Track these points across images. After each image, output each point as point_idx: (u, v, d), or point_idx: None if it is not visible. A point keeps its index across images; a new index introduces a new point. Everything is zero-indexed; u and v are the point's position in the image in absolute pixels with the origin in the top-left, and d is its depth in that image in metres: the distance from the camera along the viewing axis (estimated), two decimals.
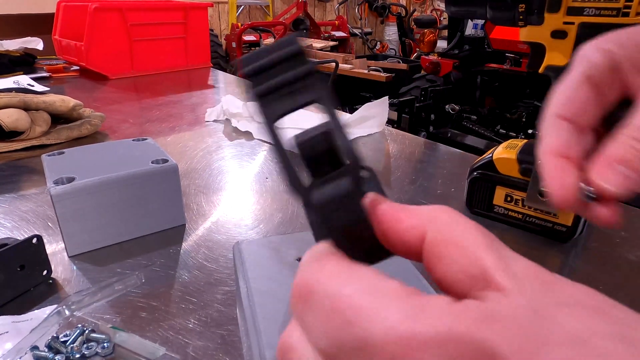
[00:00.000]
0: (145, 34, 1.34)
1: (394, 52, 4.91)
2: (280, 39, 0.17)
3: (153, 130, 0.83)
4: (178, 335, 0.33)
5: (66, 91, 1.13)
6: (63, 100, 0.75)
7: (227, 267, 0.42)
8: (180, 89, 1.20)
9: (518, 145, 0.49)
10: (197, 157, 0.70)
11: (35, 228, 0.48)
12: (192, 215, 0.51)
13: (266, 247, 0.32)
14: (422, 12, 5.35)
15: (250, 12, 4.84)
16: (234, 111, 0.87)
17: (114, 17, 1.27)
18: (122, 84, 1.25)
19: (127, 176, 0.43)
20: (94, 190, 0.42)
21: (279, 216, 0.52)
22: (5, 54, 1.35)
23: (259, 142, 0.77)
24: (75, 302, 0.35)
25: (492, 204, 0.50)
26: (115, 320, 0.35)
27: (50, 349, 0.31)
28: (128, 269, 0.41)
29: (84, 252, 0.43)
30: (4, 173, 0.62)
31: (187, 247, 0.45)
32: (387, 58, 3.53)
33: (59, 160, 0.46)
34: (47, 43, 1.44)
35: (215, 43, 3.98)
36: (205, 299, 0.37)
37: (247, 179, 0.63)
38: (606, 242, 0.48)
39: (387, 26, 5.50)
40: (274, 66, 0.17)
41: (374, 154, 0.74)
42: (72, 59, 1.36)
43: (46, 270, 0.39)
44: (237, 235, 0.48)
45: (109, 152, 0.48)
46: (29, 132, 0.70)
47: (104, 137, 0.80)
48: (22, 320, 0.34)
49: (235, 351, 0.32)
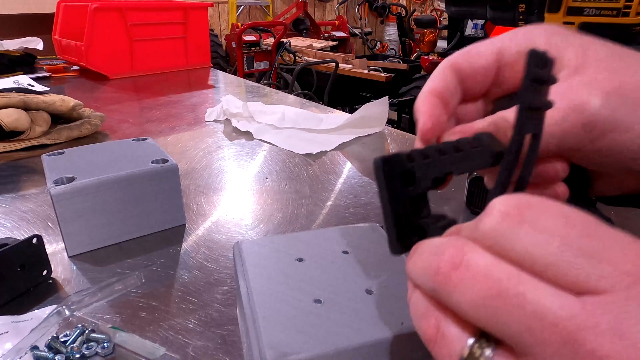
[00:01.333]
0: (145, 34, 1.34)
1: (394, 52, 4.91)
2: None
3: (153, 130, 0.83)
4: (178, 335, 0.33)
5: (66, 91, 1.13)
6: (63, 100, 0.75)
7: (227, 267, 0.42)
8: (180, 89, 1.20)
9: None
10: (197, 157, 0.70)
11: (35, 228, 0.48)
12: (192, 215, 0.51)
13: (266, 247, 0.32)
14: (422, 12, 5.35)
15: (250, 12, 4.84)
16: (234, 111, 0.87)
17: (114, 17, 1.27)
18: (122, 84, 1.25)
19: (127, 176, 0.43)
20: (94, 190, 0.42)
21: (279, 216, 0.52)
22: (5, 54, 1.35)
23: (259, 142, 0.77)
24: (75, 302, 0.35)
25: None
26: (115, 320, 0.35)
27: (50, 349, 0.31)
28: (128, 269, 0.41)
29: (84, 252, 0.43)
30: (4, 173, 0.62)
31: (187, 247, 0.45)
32: (387, 58, 3.53)
33: (59, 160, 0.46)
34: (47, 43, 1.44)
35: (215, 43, 3.98)
36: (205, 299, 0.37)
37: (247, 179, 0.63)
38: None
39: (387, 26, 5.50)
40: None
41: (374, 154, 0.74)
42: (72, 59, 1.36)
43: (46, 270, 0.39)
44: (237, 235, 0.48)
45: (109, 152, 0.48)
46: (29, 132, 0.70)
47: (104, 137, 0.80)
48: (22, 320, 0.34)
49: (235, 351, 0.32)
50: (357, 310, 0.26)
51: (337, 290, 0.27)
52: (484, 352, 0.16)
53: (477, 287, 0.15)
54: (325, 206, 0.55)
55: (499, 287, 0.15)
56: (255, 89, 1.22)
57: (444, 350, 0.17)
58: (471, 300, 0.15)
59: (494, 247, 0.16)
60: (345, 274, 0.29)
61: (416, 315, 0.19)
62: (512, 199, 0.16)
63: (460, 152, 0.20)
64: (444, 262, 0.17)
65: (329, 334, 0.24)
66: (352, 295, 0.27)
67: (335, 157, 0.71)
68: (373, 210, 0.53)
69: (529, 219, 0.15)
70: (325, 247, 0.32)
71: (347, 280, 0.28)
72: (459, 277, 0.16)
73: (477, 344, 0.16)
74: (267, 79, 3.06)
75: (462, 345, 0.16)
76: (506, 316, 0.15)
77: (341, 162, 0.69)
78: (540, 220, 0.15)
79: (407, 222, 0.20)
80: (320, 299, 0.26)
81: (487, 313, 0.15)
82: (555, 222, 0.15)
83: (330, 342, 0.23)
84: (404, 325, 0.25)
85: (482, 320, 0.15)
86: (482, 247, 0.16)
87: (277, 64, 3.02)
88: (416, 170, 0.20)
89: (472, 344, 0.16)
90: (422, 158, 0.20)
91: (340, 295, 0.27)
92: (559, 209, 0.15)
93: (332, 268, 0.29)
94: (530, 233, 0.15)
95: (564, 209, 0.15)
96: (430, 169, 0.20)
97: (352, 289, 0.27)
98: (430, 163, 0.20)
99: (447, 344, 0.17)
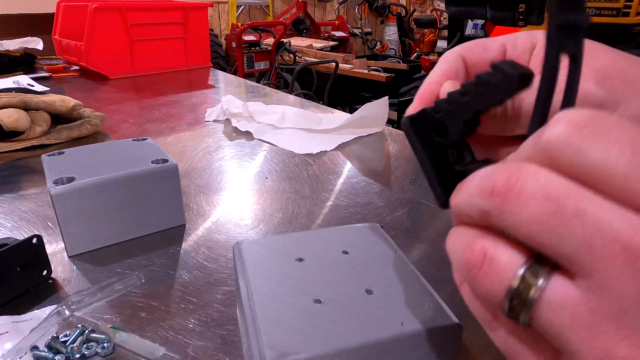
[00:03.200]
0: (145, 34, 1.34)
1: (394, 52, 4.91)
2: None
3: (153, 130, 0.83)
4: (178, 335, 0.33)
5: (66, 91, 1.13)
6: (63, 100, 0.75)
7: (227, 267, 0.42)
8: (180, 89, 1.20)
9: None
10: (197, 157, 0.70)
11: (35, 228, 0.48)
12: (192, 215, 0.51)
13: (266, 247, 0.32)
14: (422, 12, 5.35)
15: (250, 12, 4.84)
16: (234, 111, 0.87)
17: (114, 17, 1.27)
18: (122, 84, 1.25)
19: (127, 176, 0.43)
20: (94, 190, 0.42)
21: (279, 216, 0.52)
22: (5, 54, 1.35)
23: (259, 142, 0.77)
24: (75, 302, 0.35)
25: None
26: (115, 320, 0.35)
27: (50, 349, 0.31)
28: (128, 269, 0.41)
29: (84, 252, 0.43)
30: (4, 173, 0.62)
31: (187, 247, 0.45)
32: (387, 58, 3.53)
33: (59, 160, 0.46)
34: (47, 43, 1.44)
35: (215, 43, 3.99)
36: (205, 299, 0.37)
37: (247, 179, 0.63)
38: None
39: (387, 26, 5.50)
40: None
41: (374, 154, 0.74)
42: (72, 59, 1.36)
43: (46, 270, 0.39)
44: (237, 235, 0.48)
45: (109, 152, 0.48)
46: (29, 132, 0.70)
47: (104, 137, 0.80)
48: (22, 320, 0.34)
49: (235, 351, 0.32)
50: (357, 310, 0.26)
51: (337, 290, 0.27)
52: (537, 282, 0.15)
53: (535, 205, 0.14)
54: (325, 206, 0.55)
55: (558, 204, 0.14)
56: (255, 89, 1.22)
57: (490, 278, 0.16)
58: (528, 219, 0.14)
59: (557, 161, 0.15)
60: (345, 274, 0.29)
61: (457, 248, 0.17)
62: (582, 110, 0.15)
63: (482, 87, 0.19)
64: (500, 182, 0.15)
65: (329, 334, 0.24)
66: (352, 295, 0.27)
67: (335, 157, 0.71)
68: (373, 210, 0.53)
69: (599, 131, 0.14)
70: (325, 247, 0.32)
71: (347, 280, 0.28)
72: (516, 196, 0.15)
73: (530, 271, 0.15)
74: (267, 79, 3.07)
75: (514, 272, 0.15)
76: (566, 233, 0.14)
77: (341, 162, 0.69)
78: (612, 134, 0.14)
79: (450, 172, 0.20)
80: (320, 299, 0.26)
81: (545, 231, 0.14)
82: (630, 137, 0.14)
83: (330, 342, 0.23)
84: (404, 325, 0.25)
85: (537, 240, 0.14)
86: (542, 163, 0.15)
87: (277, 64, 3.02)
88: (444, 119, 0.20)
89: (525, 271, 0.15)
90: (447, 105, 0.20)
91: (340, 295, 0.27)
92: (633, 127, 0.14)
93: (332, 268, 0.29)
94: (598, 146, 0.14)
95: (637, 128, 0.14)
96: (457, 113, 0.20)
97: (352, 289, 0.27)
98: (455, 108, 0.20)
99: (495, 271, 0.16)
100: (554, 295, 0.14)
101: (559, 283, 0.15)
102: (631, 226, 0.13)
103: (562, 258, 0.14)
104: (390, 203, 0.55)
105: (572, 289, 0.14)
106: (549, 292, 0.15)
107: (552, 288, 0.15)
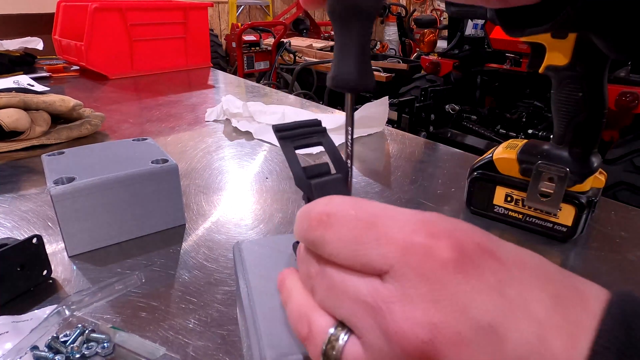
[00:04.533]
0: (145, 34, 1.34)
1: (394, 52, 4.91)
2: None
3: (153, 130, 0.83)
4: (178, 335, 0.33)
5: (66, 91, 1.13)
6: (63, 100, 0.75)
7: (227, 267, 0.42)
8: (180, 89, 1.20)
9: (518, 145, 0.49)
10: (197, 157, 0.70)
11: (35, 228, 0.48)
12: (192, 215, 0.51)
13: (266, 247, 0.32)
14: (422, 12, 5.35)
15: (250, 12, 4.84)
16: (234, 111, 0.87)
17: (114, 17, 1.27)
18: (122, 84, 1.25)
19: (127, 176, 0.43)
20: (94, 190, 0.42)
21: (279, 216, 0.52)
22: (5, 54, 1.35)
23: (259, 142, 0.77)
24: (75, 302, 0.35)
25: (492, 203, 0.50)
26: (115, 320, 0.35)
27: (50, 349, 0.31)
28: (128, 269, 0.41)
29: (84, 252, 0.43)
30: (4, 173, 0.62)
31: (187, 247, 0.45)
32: (387, 58, 3.53)
33: (59, 160, 0.46)
34: (47, 43, 1.44)
35: (215, 43, 3.99)
36: (205, 299, 0.37)
37: (247, 179, 0.63)
38: (606, 242, 0.48)
39: (387, 26, 5.50)
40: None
41: (374, 154, 0.74)
42: (72, 59, 1.36)
43: (46, 270, 0.39)
44: (237, 235, 0.48)
45: (109, 152, 0.48)
46: (29, 132, 0.70)
47: (104, 137, 0.80)
48: (22, 320, 0.34)
49: (235, 351, 0.32)
50: None
51: None
52: (338, 343, 0.18)
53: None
54: None
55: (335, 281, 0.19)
56: (255, 89, 1.22)
57: (314, 343, 0.19)
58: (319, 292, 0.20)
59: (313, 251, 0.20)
60: None
61: (293, 319, 0.22)
62: (319, 206, 0.21)
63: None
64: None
65: None
66: None
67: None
68: None
69: (330, 226, 0.19)
70: None
71: None
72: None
73: (333, 335, 0.19)
74: (267, 79, 3.06)
75: (326, 335, 0.19)
76: (340, 303, 0.18)
77: None
78: (336, 226, 0.19)
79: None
80: None
81: (333, 303, 0.19)
82: (346, 226, 0.19)
83: None
84: None
85: (331, 310, 0.19)
86: (305, 265, 0.21)
87: (277, 64, 3.02)
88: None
89: (330, 335, 0.19)
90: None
91: None
92: (348, 214, 0.19)
93: None
94: (332, 238, 0.19)
95: (351, 211, 0.19)
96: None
97: None
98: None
99: (314, 335, 0.20)
100: (350, 354, 0.18)
101: (352, 342, 0.18)
102: (371, 288, 0.17)
103: (347, 324, 0.19)
104: (390, 203, 0.55)
105: (358, 348, 0.18)
106: (346, 352, 0.18)
107: (348, 348, 0.18)
